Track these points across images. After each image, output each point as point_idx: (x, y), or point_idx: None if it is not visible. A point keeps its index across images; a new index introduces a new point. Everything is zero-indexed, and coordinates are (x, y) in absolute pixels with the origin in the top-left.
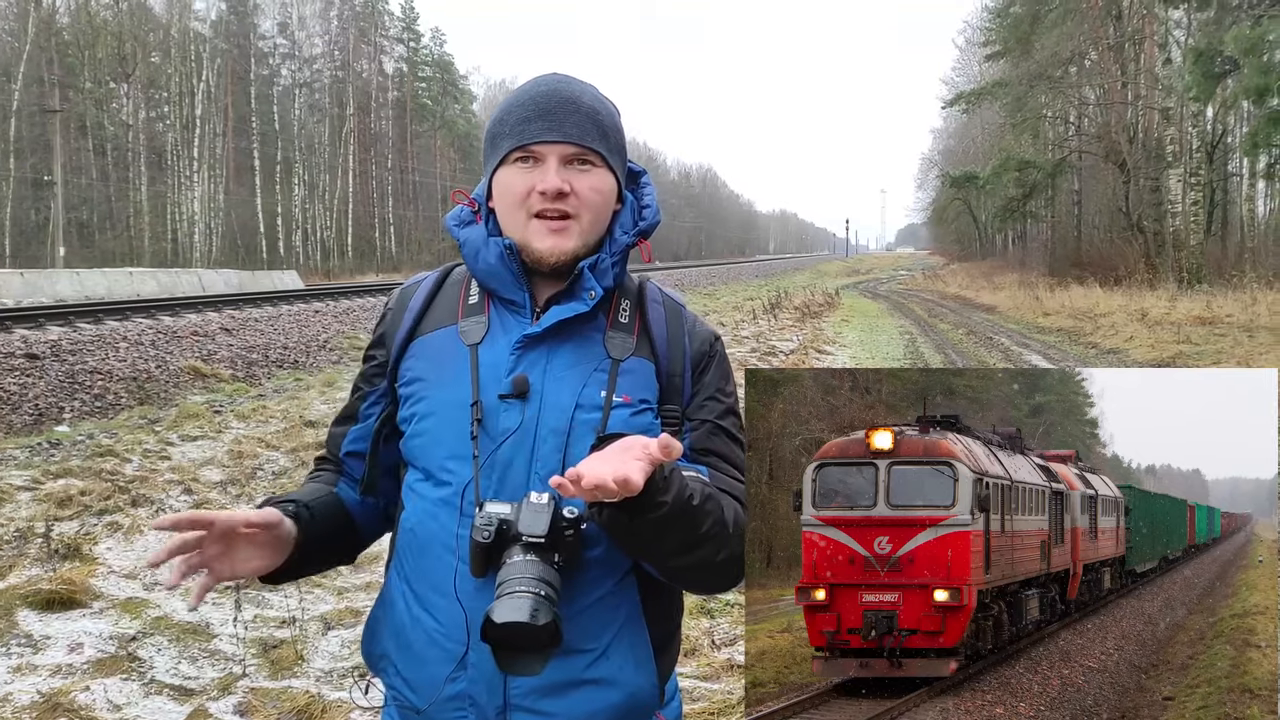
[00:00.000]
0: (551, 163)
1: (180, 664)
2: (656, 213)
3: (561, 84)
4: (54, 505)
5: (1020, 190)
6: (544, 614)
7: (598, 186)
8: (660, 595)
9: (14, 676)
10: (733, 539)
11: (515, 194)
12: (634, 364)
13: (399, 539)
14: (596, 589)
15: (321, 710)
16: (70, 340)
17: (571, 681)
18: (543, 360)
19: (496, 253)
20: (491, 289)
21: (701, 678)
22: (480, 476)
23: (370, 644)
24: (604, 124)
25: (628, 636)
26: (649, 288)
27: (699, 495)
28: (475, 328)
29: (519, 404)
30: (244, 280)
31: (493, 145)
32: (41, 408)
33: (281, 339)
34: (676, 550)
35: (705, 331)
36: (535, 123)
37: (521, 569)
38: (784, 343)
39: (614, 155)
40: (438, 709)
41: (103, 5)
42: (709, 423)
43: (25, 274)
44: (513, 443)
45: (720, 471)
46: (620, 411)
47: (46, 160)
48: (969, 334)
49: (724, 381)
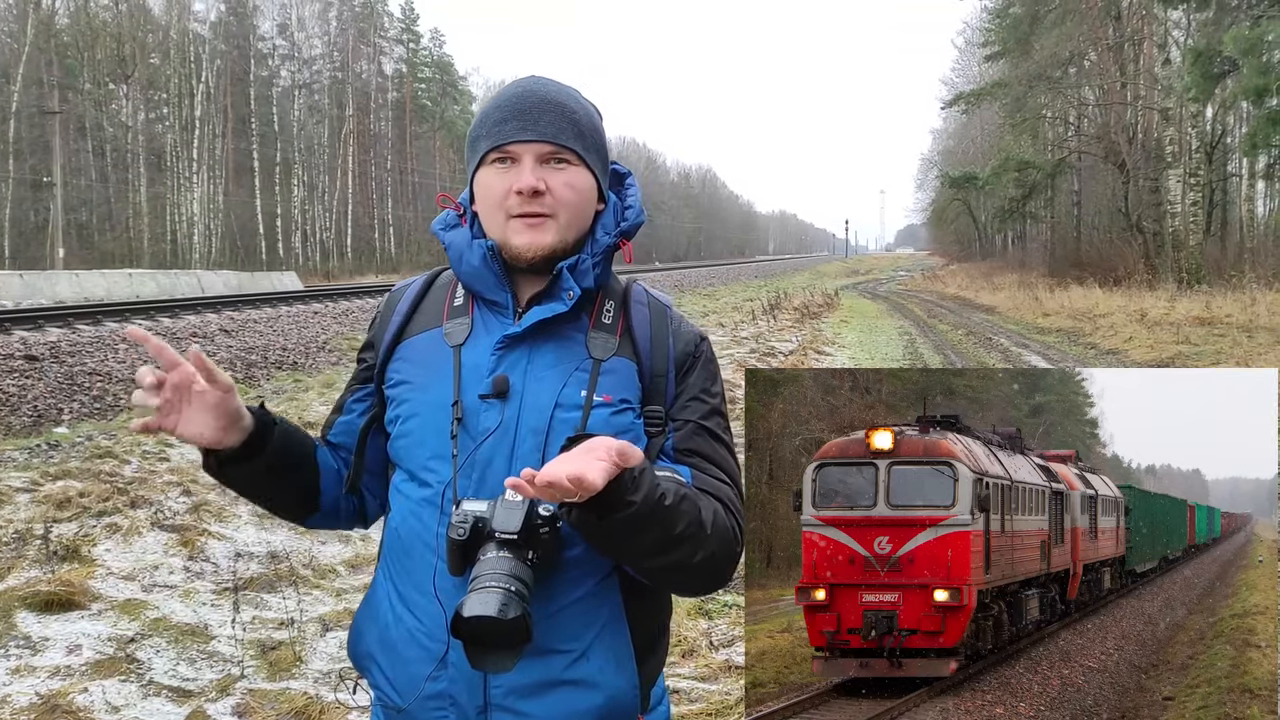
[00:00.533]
0: (527, 162)
1: (179, 665)
2: (640, 213)
3: (537, 85)
4: (53, 507)
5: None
6: (513, 609)
7: (573, 183)
8: (645, 598)
9: (12, 678)
10: (711, 540)
11: (494, 195)
12: (616, 364)
13: (386, 539)
14: (576, 589)
15: (319, 711)
16: (69, 342)
17: (551, 682)
18: (524, 360)
19: (480, 254)
20: (475, 291)
21: (700, 679)
22: (460, 476)
23: (356, 644)
24: (579, 123)
25: (609, 638)
26: (635, 289)
27: (672, 496)
28: (459, 329)
29: (499, 404)
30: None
31: (472, 148)
32: (40, 409)
33: (280, 340)
34: (651, 551)
35: (690, 332)
36: (510, 123)
37: (494, 565)
38: (783, 343)
39: (591, 154)
40: (419, 708)
41: (102, 6)
42: (692, 423)
43: (24, 275)
44: (492, 442)
45: (704, 472)
46: (600, 411)
47: (46, 162)
48: (968, 334)
49: (709, 382)
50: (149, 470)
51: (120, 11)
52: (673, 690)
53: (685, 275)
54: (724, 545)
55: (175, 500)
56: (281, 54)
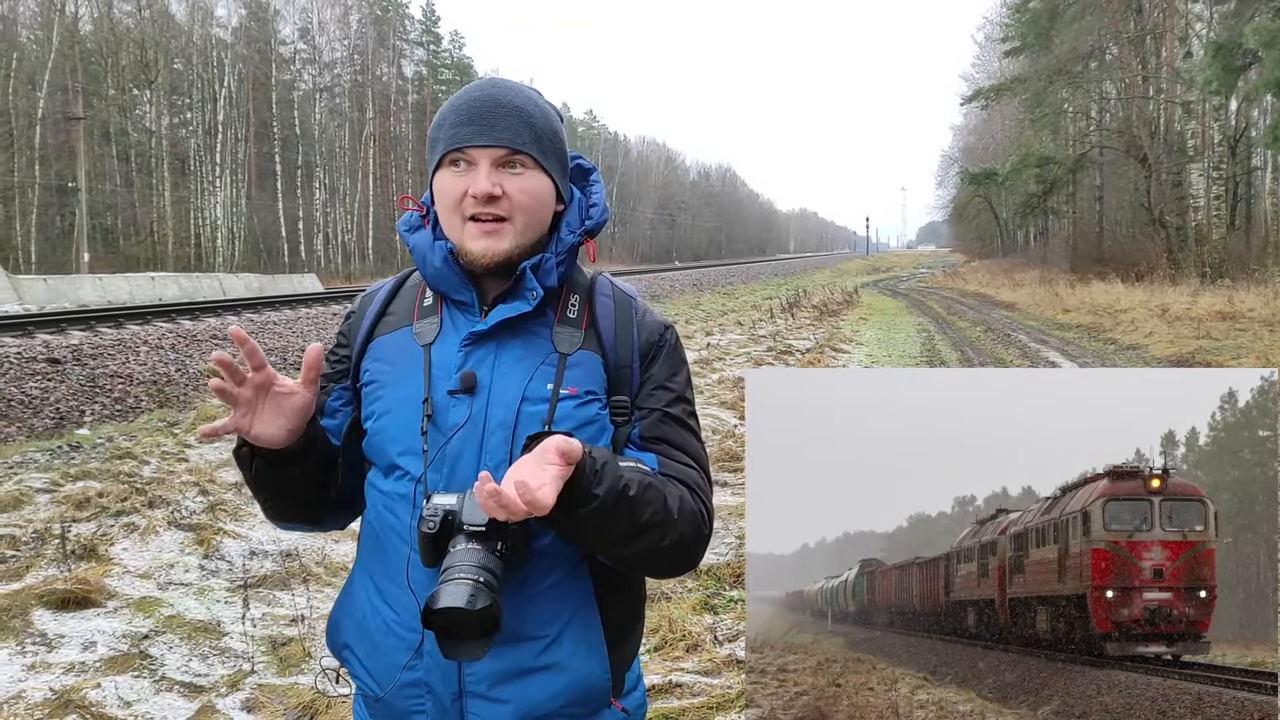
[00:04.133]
0: (483, 166)
1: (191, 661)
2: (604, 211)
3: (495, 89)
4: (72, 507)
5: (1040, 186)
6: (481, 599)
7: (529, 189)
8: (617, 585)
9: (28, 674)
10: (679, 524)
11: (450, 198)
12: (581, 357)
13: (362, 533)
14: (547, 577)
15: (326, 706)
16: (91, 345)
17: (524, 669)
18: (490, 356)
19: (441, 256)
20: (441, 291)
21: (703, 672)
22: (430, 470)
23: (334, 635)
24: (536, 126)
25: (580, 623)
26: (600, 281)
27: (636, 486)
28: (429, 329)
29: (467, 399)
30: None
31: (430, 150)
32: (63, 411)
33: (300, 342)
34: (619, 540)
35: (655, 322)
36: (466, 127)
37: (464, 557)
38: (801, 341)
39: (548, 158)
40: (395, 696)
41: (125, 13)
42: (658, 411)
43: (48, 280)
44: (461, 437)
45: (670, 459)
46: (566, 403)
47: (71, 167)
48: (986, 331)
49: (674, 370)
50: (167, 470)
51: (143, 18)
52: (676, 684)
53: (704, 274)
54: (692, 529)
55: (192, 500)
56: (303, 58)
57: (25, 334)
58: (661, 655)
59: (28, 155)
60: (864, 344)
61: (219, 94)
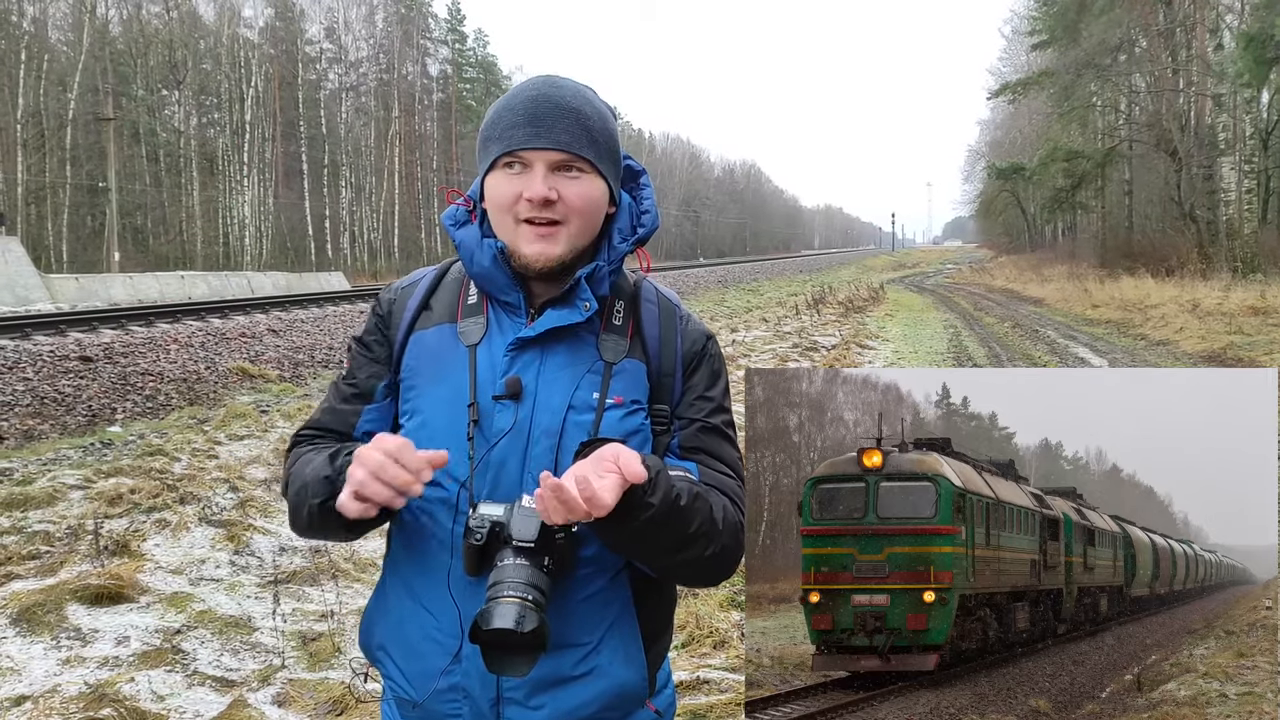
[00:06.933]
0: (538, 170)
1: (222, 656)
2: (655, 218)
3: (551, 88)
4: (104, 503)
5: (1068, 181)
6: (529, 620)
7: (585, 194)
8: (653, 590)
9: (63, 668)
10: (723, 535)
11: (504, 199)
12: (627, 365)
13: (393, 535)
14: (589, 586)
15: (355, 701)
16: (122, 343)
17: (563, 677)
18: (536, 362)
19: (490, 255)
20: (487, 291)
21: (730, 669)
22: (475, 476)
23: (368, 636)
24: (593, 129)
25: (619, 631)
26: (644, 287)
27: (686, 495)
28: (474, 328)
29: (513, 405)
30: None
31: (484, 149)
32: (95, 409)
33: (327, 339)
34: (667, 549)
35: (697, 331)
36: (523, 129)
37: (512, 573)
38: (826, 338)
39: (603, 161)
40: (433, 701)
41: (154, 14)
42: (699, 421)
43: (80, 279)
44: (506, 443)
45: (710, 469)
46: (613, 413)
47: (101, 167)
48: (1014, 327)
49: (714, 380)
50: (198, 467)
51: (171, 19)
52: (703, 680)
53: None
54: (734, 539)
55: (223, 496)
56: (329, 57)
57: (58, 332)
58: (689, 651)
59: (59, 156)
60: (890, 340)
61: (246, 94)
